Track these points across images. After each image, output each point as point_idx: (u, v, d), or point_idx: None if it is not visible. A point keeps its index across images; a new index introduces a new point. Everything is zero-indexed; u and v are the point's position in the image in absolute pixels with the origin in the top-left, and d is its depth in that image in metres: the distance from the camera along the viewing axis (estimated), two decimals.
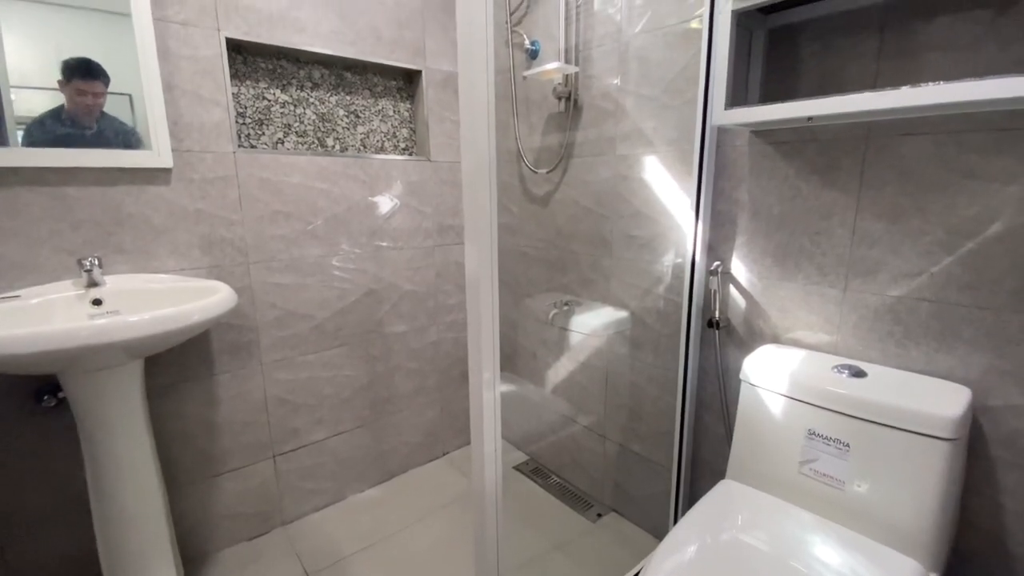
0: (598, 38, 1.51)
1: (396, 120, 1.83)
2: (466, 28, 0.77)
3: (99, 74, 1.20)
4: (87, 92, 1.20)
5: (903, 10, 0.95)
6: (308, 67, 1.60)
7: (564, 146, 1.67)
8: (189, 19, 1.30)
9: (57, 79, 1.16)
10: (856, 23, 1.01)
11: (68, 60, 1.16)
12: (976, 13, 0.88)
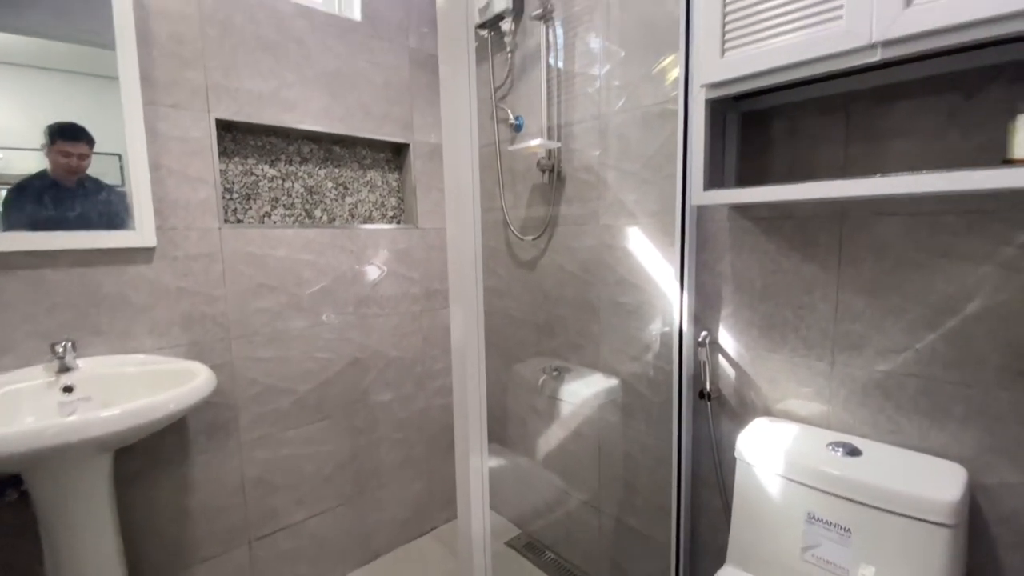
0: (579, 116, 1.57)
1: (384, 190, 1.86)
2: (450, 106, 0.79)
3: (83, 136, 1.20)
4: (72, 154, 1.20)
5: (866, 98, 1.00)
6: (297, 142, 1.64)
7: (549, 215, 1.70)
8: (180, 102, 1.33)
9: (41, 142, 1.16)
10: (823, 109, 1.06)
11: (52, 124, 1.17)
12: (936, 103, 0.93)
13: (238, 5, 1.40)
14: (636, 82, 1.39)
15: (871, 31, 0.80)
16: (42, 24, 1.14)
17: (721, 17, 0.98)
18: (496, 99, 1.84)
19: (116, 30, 1.20)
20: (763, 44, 0.93)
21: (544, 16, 1.57)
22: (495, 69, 1.82)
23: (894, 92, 0.97)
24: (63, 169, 1.19)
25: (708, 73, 1.01)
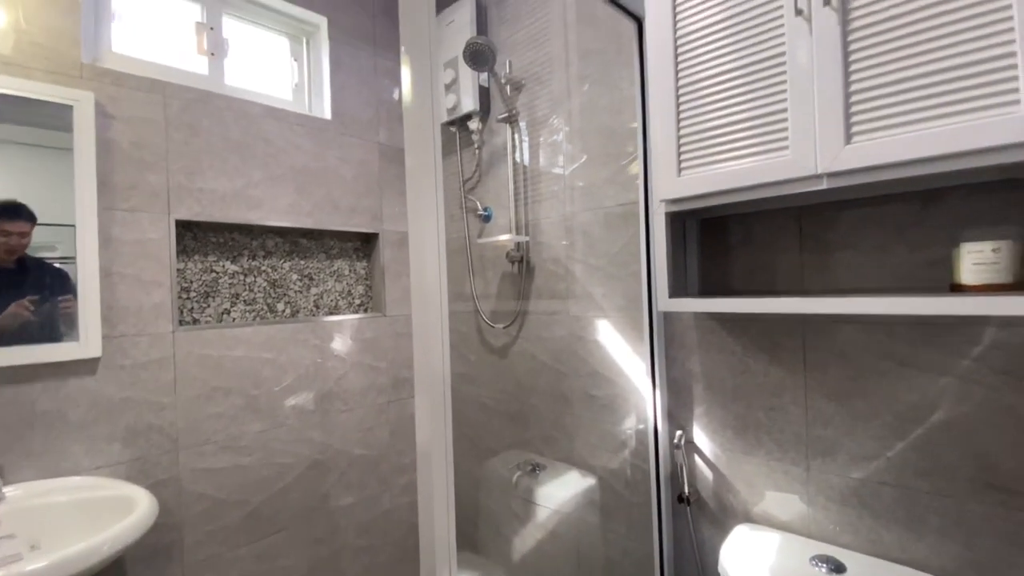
0: (545, 211, 1.61)
1: (352, 278, 1.83)
2: (416, 198, 0.78)
3: (23, 213, 1.14)
4: (11, 232, 1.13)
5: (816, 212, 1.06)
6: (262, 237, 1.61)
7: (519, 303, 1.70)
8: (138, 206, 1.30)
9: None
10: (777, 219, 1.11)
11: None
12: (883, 219, 0.98)
13: (206, 109, 1.41)
14: (599, 184, 1.44)
15: (816, 163, 0.86)
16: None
17: (676, 140, 1.04)
18: (465, 190, 1.88)
19: (75, 142, 1.18)
20: (716, 167, 0.98)
21: (509, 119, 1.64)
22: (464, 163, 1.88)
23: (842, 207, 1.03)
24: (1, 249, 1.13)
25: (666, 190, 1.06)
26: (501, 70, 1.67)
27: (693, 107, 1.01)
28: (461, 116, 1.78)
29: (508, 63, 1.67)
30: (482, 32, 1.74)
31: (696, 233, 1.21)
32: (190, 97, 1.38)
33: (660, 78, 1.06)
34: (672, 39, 1.04)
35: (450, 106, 1.80)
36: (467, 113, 1.75)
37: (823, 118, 0.84)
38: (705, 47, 0.99)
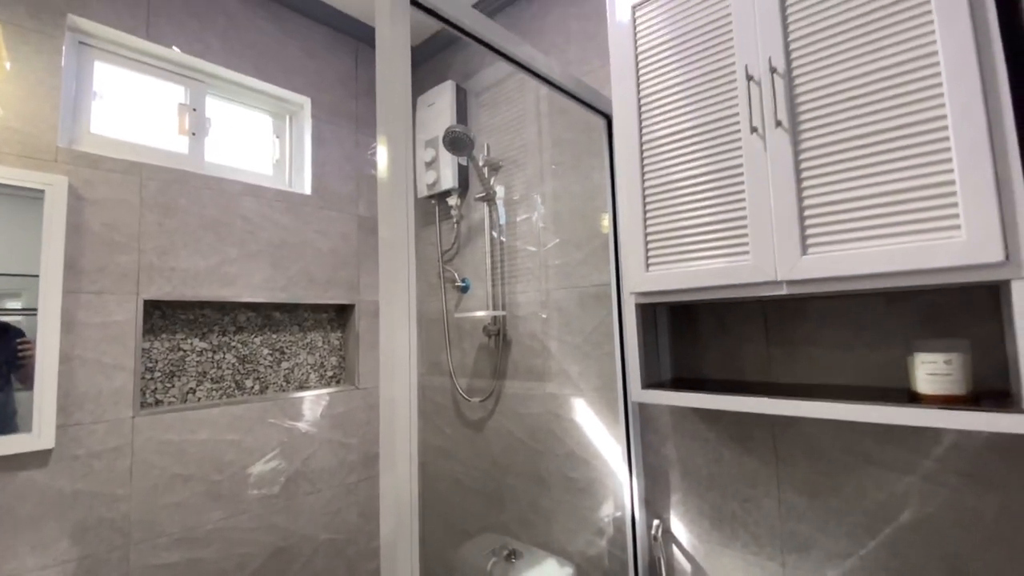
0: (521, 286, 1.63)
1: (325, 350, 1.80)
2: (388, 270, 0.78)
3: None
4: None
5: (780, 309, 1.10)
6: (234, 312, 1.59)
7: (496, 377, 1.69)
8: (106, 288, 1.27)
9: None
10: (744, 313, 1.15)
11: None
12: (843, 319, 1.02)
13: (183, 189, 1.42)
14: (573, 264, 1.48)
15: (775, 270, 0.90)
16: None
17: (643, 237, 1.08)
18: (443, 261, 1.90)
19: (44, 227, 1.17)
20: (682, 265, 1.02)
21: (487, 199, 1.68)
22: (443, 234, 1.91)
23: (805, 302, 1.07)
24: None
25: (634, 283, 1.09)
26: (480, 152, 1.73)
27: (659, 207, 1.06)
28: (441, 192, 1.83)
29: (487, 146, 1.73)
30: (462, 114, 1.81)
31: (668, 319, 1.23)
32: (168, 178, 1.39)
33: (627, 178, 1.11)
34: (638, 143, 1.10)
35: (430, 182, 1.84)
36: (446, 190, 1.80)
37: (780, 228, 0.89)
38: (670, 152, 1.05)
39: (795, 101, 0.89)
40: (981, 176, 0.72)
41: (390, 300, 0.79)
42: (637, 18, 1.12)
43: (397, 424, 0.77)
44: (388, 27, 0.81)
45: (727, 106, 0.97)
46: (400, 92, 0.80)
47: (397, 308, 0.79)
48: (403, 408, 0.78)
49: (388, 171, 0.79)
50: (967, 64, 0.73)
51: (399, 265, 0.80)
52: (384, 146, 0.80)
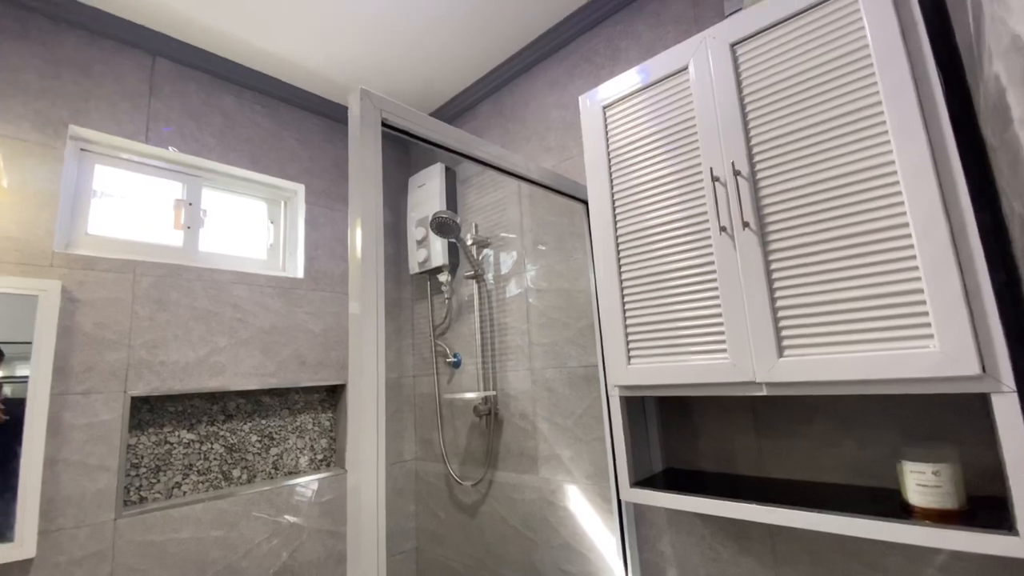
0: (512, 364, 1.62)
1: (315, 432, 1.78)
2: (358, 347, 0.78)
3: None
4: None
5: (767, 404, 1.07)
6: (223, 400, 1.58)
7: (488, 459, 1.65)
8: (94, 387, 1.28)
9: None
10: (733, 405, 1.12)
11: None
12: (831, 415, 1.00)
13: (176, 283, 1.45)
14: (561, 344, 1.47)
15: (754, 371, 0.88)
16: None
17: (623, 330, 1.07)
18: (436, 335, 1.90)
19: (35, 332, 1.19)
20: (663, 360, 1.01)
21: (475, 276, 1.70)
22: (435, 308, 1.92)
23: (791, 401, 1.04)
24: None
25: (617, 376, 1.07)
26: (468, 232, 1.76)
27: (637, 300, 1.06)
28: (432, 268, 1.85)
29: (475, 226, 1.77)
30: (451, 194, 1.86)
31: (656, 407, 1.21)
32: (161, 273, 1.42)
33: (605, 269, 1.12)
34: (613, 236, 1.11)
35: (422, 259, 1.87)
36: (437, 267, 1.82)
37: (755, 328, 0.89)
38: (644, 247, 1.06)
39: (760, 203, 0.90)
40: (949, 287, 0.71)
41: (359, 374, 0.79)
42: (608, 117, 1.16)
43: (363, 512, 0.75)
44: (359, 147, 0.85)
45: (696, 204, 0.99)
46: (371, 179, 0.83)
47: (366, 384, 0.79)
48: (370, 496, 0.76)
49: (360, 253, 0.82)
50: (925, 177, 0.74)
51: (368, 340, 0.80)
52: (358, 230, 0.82)
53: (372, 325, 0.81)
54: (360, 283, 0.82)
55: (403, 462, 1.92)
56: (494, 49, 1.66)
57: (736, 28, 0.97)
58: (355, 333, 0.83)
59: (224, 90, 1.65)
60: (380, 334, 0.83)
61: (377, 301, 0.85)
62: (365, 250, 0.82)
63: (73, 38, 1.37)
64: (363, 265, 0.82)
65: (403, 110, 0.91)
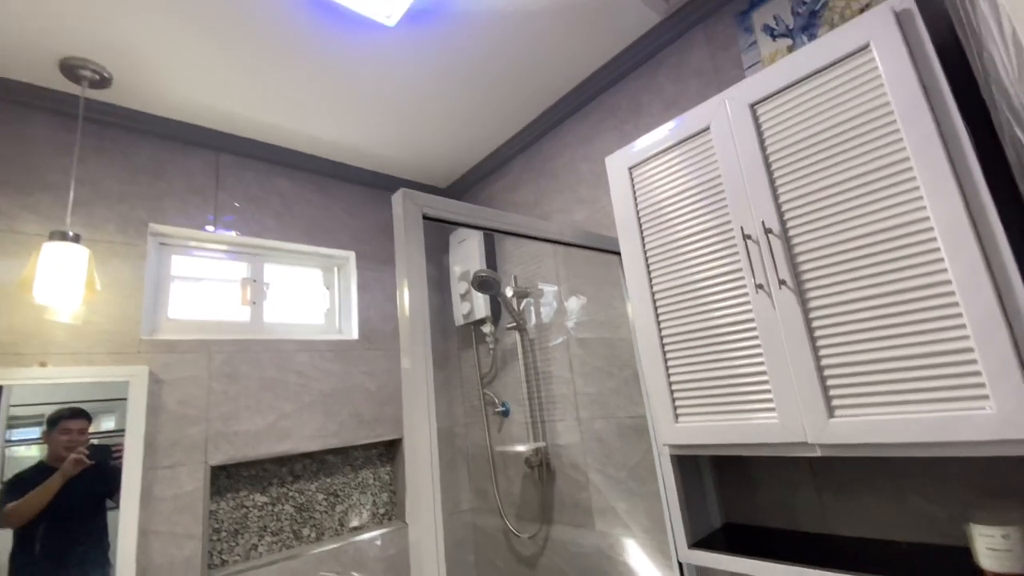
0: (559, 414, 1.64)
1: (376, 487, 1.85)
2: (412, 403, 0.85)
3: (82, 414, 1.28)
4: (71, 430, 1.26)
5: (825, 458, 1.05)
6: (290, 463, 1.68)
7: (544, 511, 1.66)
8: (178, 461, 1.40)
9: (42, 430, 1.24)
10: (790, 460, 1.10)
11: (53, 412, 1.26)
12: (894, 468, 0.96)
13: (245, 356, 1.58)
14: (607, 394, 1.48)
15: (804, 431, 0.87)
16: None
17: (667, 387, 1.08)
18: (483, 384, 1.95)
19: (128, 414, 1.33)
20: (711, 419, 1.01)
21: (517, 328, 1.75)
22: (481, 357, 1.97)
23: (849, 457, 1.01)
24: (62, 447, 1.23)
25: (665, 434, 1.08)
26: (508, 283, 1.82)
27: (679, 357, 1.07)
28: (475, 320, 1.92)
29: (514, 278, 1.83)
30: (489, 248, 1.93)
31: (711, 463, 1.20)
32: (232, 349, 1.55)
33: (644, 325, 1.14)
34: (649, 293, 1.13)
35: (465, 312, 1.95)
36: (480, 319, 1.89)
37: (802, 387, 0.88)
38: (681, 304, 1.08)
39: (796, 261, 0.91)
40: (999, 345, 0.69)
41: (413, 425, 0.84)
42: (634, 178, 1.20)
43: (424, 564, 0.79)
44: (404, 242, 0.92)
45: (730, 262, 1.00)
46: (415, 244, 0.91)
47: (420, 434, 0.84)
48: (429, 546, 0.80)
49: (408, 314, 0.89)
50: (962, 233, 0.73)
51: (420, 392, 0.86)
52: (405, 290, 0.89)
53: (423, 377, 0.88)
54: (410, 339, 0.89)
55: (460, 512, 1.96)
56: (521, 111, 1.74)
57: (754, 89, 0.99)
58: (408, 386, 0.89)
59: (279, 174, 1.81)
60: (430, 385, 0.89)
61: (426, 355, 0.91)
62: (412, 312, 0.89)
63: (147, 145, 1.56)
64: (411, 323, 0.89)
65: (440, 202, 0.98)
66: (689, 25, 1.37)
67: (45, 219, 1.34)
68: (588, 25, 1.38)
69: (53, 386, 1.27)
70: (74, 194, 1.33)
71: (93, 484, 1.28)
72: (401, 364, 0.89)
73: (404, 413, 0.89)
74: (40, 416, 1.25)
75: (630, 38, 1.46)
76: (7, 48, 1.24)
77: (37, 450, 1.25)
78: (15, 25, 1.18)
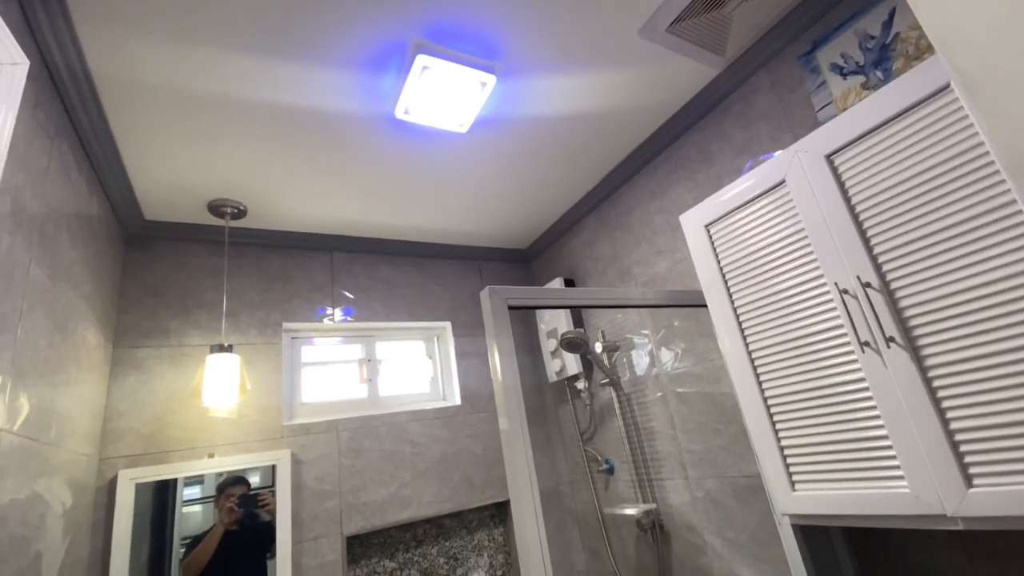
0: (667, 471, 1.60)
1: (492, 548, 1.91)
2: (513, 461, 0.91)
3: (242, 481, 1.52)
4: (233, 494, 1.48)
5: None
6: (412, 528, 1.80)
7: (661, 572, 1.60)
8: (320, 533, 1.57)
9: (213, 496, 1.49)
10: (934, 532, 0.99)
11: (220, 483, 1.50)
12: None
13: (367, 431, 1.75)
14: (715, 451, 1.43)
15: (941, 502, 0.79)
16: None
17: (779, 452, 1.03)
18: (583, 441, 1.96)
19: (277, 494, 1.53)
20: (831, 487, 0.95)
21: (611, 383, 1.76)
22: (578, 412, 1.99)
23: None
24: (226, 511, 1.47)
25: (783, 504, 1.02)
26: (596, 339, 1.85)
27: (788, 420, 1.03)
28: (568, 377, 1.95)
29: (602, 333, 1.85)
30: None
31: (843, 533, 1.11)
32: (355, 426, 1.73)
33: (744, 386, 1.10)
34: (746, 353, 1.10)
35: (557, 369, 1.99)
36: (573, 375, 1.92)
37: (931, 454, 0.80)
38: (779, 364, 1.04)
39: (903, 316, 0.85)
40: None
41: (516, 482, 0.89)
42: (712, 235, 1.20)
43: None
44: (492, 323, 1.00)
45: (828, 318, 0.96)
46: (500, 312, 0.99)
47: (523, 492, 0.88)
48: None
49: (500, 374, 0.95)
50: None
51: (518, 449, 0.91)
52: (495, 355, 0.97)
53: (519, 435, 0.93)
54: (504, 403, 0.96)
55: (576, 575, 1.94)
56: (590, 173, 1.81)
57: (828, 140, 0.97)
58: (507, 445, 0.95)
59: (383, 262, 2.03)
60: (527, 443, 0.94)
61: (521, 416, 0.96)
62: (506, 384, 0.96)
63: (276, 258, 1.84)
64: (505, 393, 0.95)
65: (522, 292, 1.06)
66: (751, 72, 1.37)
67: (205, 332, 1.63)
68: (646, 89, 1.43)
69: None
70: (225, 307, 1.61)
71: (250, 537, 1.48)
72: (499, 423, 0.96)
73: (507, 468, 0.95)
74: (201, 476, 1.50)
75: (689, 94, 1.48)
76: (172, 199, 1.57)
77: (199, 507, 1.48)
78: (176, 181, 1.49)
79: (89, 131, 1.20)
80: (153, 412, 1.49)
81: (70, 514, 1.17)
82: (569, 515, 2.02)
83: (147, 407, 1.48)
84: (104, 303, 1.41)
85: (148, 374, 1.52)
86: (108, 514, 1.35)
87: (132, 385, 1.49)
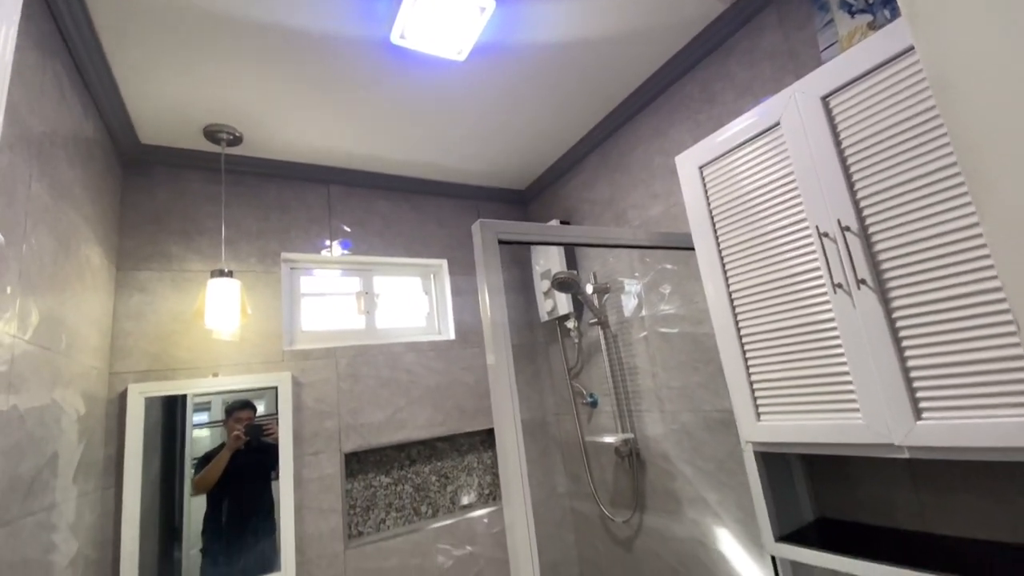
0: (646, 405, 1.69)
1: (480, 470, 2.05)
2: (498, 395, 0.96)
3: (249, 405, 1.62)
4: (241, 418, 1.59)
5: None
6: (407, 448, 1.92)
7: (636, 497, 1.73)
8: (319, 449, 1.68)
9: (221, 419, 1.58)
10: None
11: (227, 405, 1.60)
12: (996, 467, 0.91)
13: (364, 358, 1.83)
14: (692, 387, 1.51)
15: (890, 432, 0.86)
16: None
17: (748, 385, 1.10)
18: (571, 377, 2.05)
19: (279, 413, 1.63)
20: (792, 417, 1.02)
21: (600, 323, 1.82)
22: (567, 350, 2.07)
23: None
24: (233, 438, 1.57)
25: (748, 432, 1.10)
26: (588, 280, 1.89)
27: (759, 356, 1.08)
28: (559, 316, 2.01)
29: (594, 274, 1.89)
30: (568, 247, 2.01)
31: (801, 460, 1.19)
32: (353, 354, 1.81)
33: (722, 325, 1.15)
34: (726, 293, 1.15)
35: (549, 309, 2.05)
36: (563, 315, 1.98)
37: (886, 389, 0.86)
38: (758, 303, 1.08)
39: (876, 260, 0.88)
40: None
41: (500, 413, 0.97)
42: (705, 177, 1.21)
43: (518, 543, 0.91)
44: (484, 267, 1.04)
45: (806, 260, 0.99)
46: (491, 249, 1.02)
47: (506, 422, 0.96)
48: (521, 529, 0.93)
49: (490, 312, 1.01)
50: None
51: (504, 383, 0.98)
52: (485, 294, 1.01)
53: (505, 371, 0.99)
54: (492, 340, 1.01)
55: (558, 496, 2.09)
56: (592, 111, 1.78)
57: (825, 81, 0.96)
58: (493, 379, 1.02)
59: (379, 196, 2.04)
60: (512, 379, 1.00)
61: (507, 353, 1.02)
62: (495, 323, 1.01)
63: (274, 187, 1.84)
64: (493, 329, 1.00)
65: (513, 227, 1.08)
66: (760, 7, 1.32)
67: (205, 258, 1.67)
68: (651, 22, 1.38)
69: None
70: (224, 235, 1.64)
71: (256, 459, 1.59)
72: (487, 359, 1.02)
73: (492, 402, 1.01)
74: (208, 402, 1.59)
75: (696, 29, 1.43)
76: (167, 122, 1.55)
77: (207, 431, 1.58)
78: (170, 103, 1.47)
79: (81, 48, 1.17)
80: (158, 332, 1.55)
81: (84, 420, 1.25)
82: (554, 443, 2.15)
83: (152, 326, 1.55)
84: (106, 226, 1.44)
85: (152, 295, 1.57)
86: (120, 424, 1.44)
87: (137, 305, 1.54)
